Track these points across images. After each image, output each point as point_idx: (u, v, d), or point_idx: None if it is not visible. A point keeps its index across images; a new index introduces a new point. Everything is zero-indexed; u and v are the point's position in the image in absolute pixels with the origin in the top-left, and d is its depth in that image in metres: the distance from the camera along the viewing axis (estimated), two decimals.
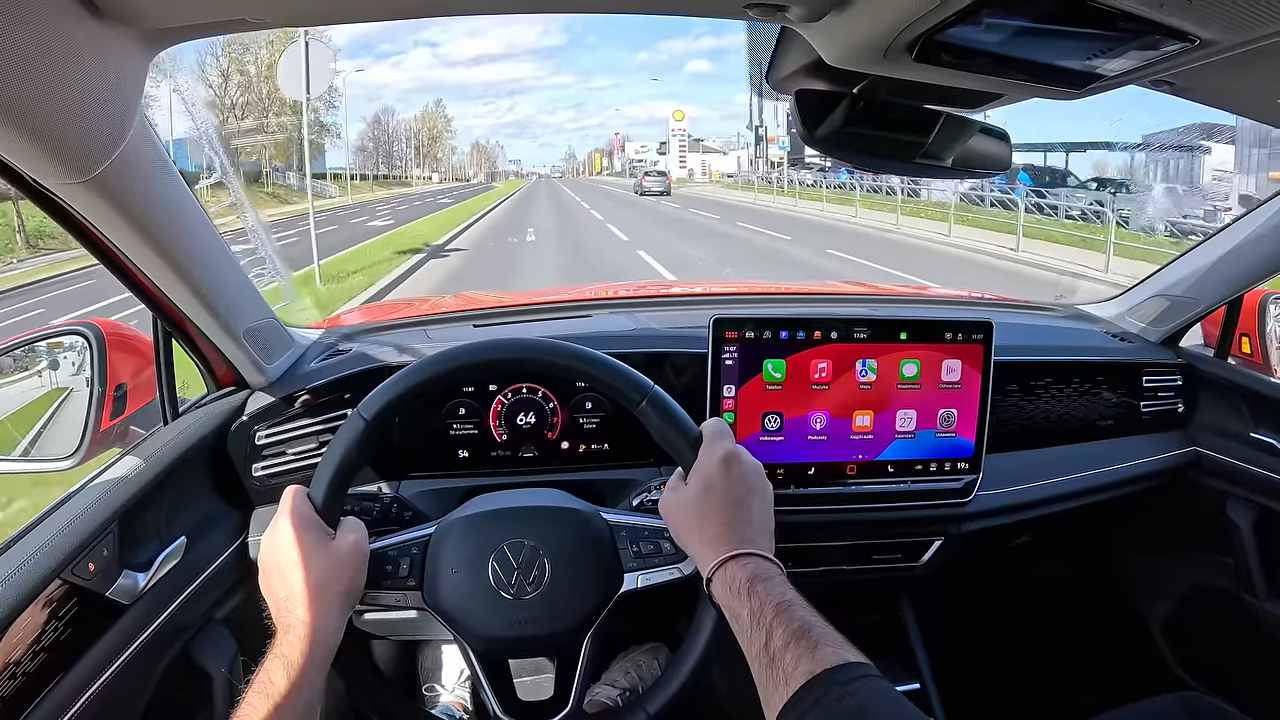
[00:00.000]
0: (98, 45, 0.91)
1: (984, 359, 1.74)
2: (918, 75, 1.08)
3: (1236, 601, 2.17)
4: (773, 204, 37.59)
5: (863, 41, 0.99)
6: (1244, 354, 2.28)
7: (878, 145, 1.35)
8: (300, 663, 1.11)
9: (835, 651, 0.97)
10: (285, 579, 1.18)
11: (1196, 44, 0.90)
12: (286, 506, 1.23)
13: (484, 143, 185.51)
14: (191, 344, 1.61)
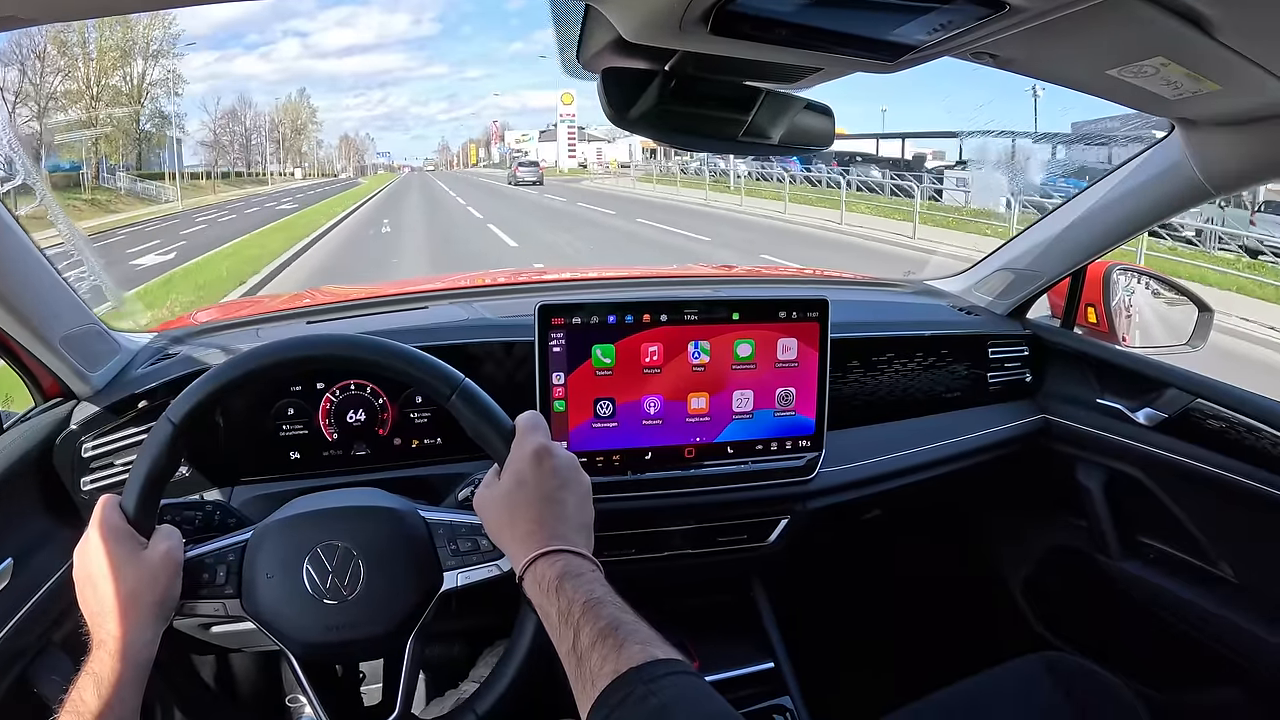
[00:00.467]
0: None
1: (820, 337, 1.75)
2: (721, 49, 1.08)
3: (1091, 561, 2.25)
4: (676, 196, 34.89)
5: (656, 14, 0.98)
6: (1090, 323, 2.32)
7: (696, 124, 1.35)
8: (112, 680, 1.08)
9: (643, 649, 0.95)
10: (97, 592, 1.15)
11: (1006, 11, 0.90)
12: (97, 517, 1.19)
13: (353, 135, 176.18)
14: (10, 354, 1.54)
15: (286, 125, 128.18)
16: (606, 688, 0.92)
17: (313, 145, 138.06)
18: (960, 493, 2.40)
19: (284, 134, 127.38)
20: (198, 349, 1.82)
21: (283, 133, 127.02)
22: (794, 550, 1.93)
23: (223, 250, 21.75)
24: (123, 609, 1.13)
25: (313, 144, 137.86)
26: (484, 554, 1.32)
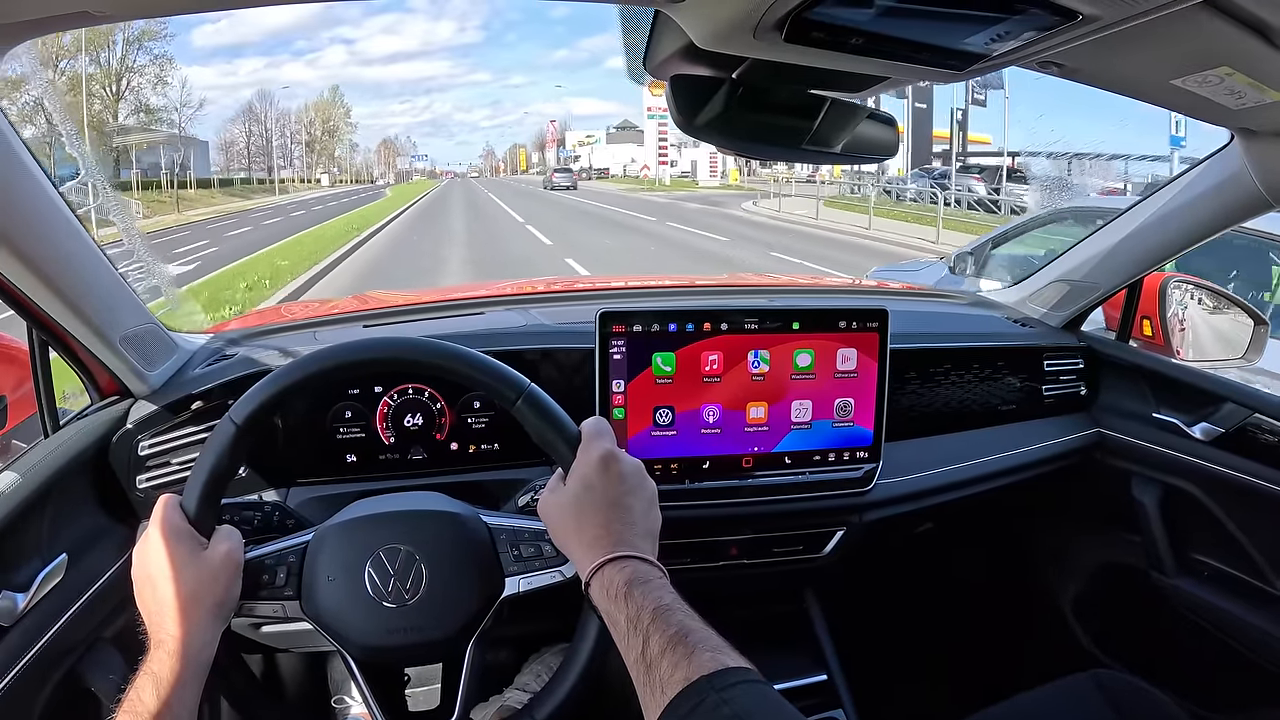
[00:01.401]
0: None
1: (880, 347, 1.74)
2: (792, 57, 1.07)
3: (1144, 578, 2.21)
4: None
5: (731, 21, 0.98)
6: (1145, 336, 2.30)
7: (761, 132, 1.34)
8: (170, 680, 1.08)
9: (713, 657, 0.94)
10: (156, 592, 1.14)
11: (1079, 19, 0.90)
12: (157, 517, 1.19)
13: (393, 139, 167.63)
14: (70, 352, 1.55)
15: (318, 126, 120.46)
16: (677, 695, 0.92)
17: (347, 149, 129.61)
18: (1013, 507, 2.37)
19: (315, 135, 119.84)
20: (255, 350, 1.83)
21: (314, 134, 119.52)
22: (848, 562, 1.92)
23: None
24: (183, 609, 1.13)
25: (346, 147, 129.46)
26: (547, 560, 1.32)
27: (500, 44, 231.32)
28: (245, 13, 7.74)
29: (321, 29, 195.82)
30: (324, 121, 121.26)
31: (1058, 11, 0.89)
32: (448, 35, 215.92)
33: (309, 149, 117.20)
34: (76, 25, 1.03)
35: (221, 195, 67.34)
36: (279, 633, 1.66)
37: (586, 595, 1.14)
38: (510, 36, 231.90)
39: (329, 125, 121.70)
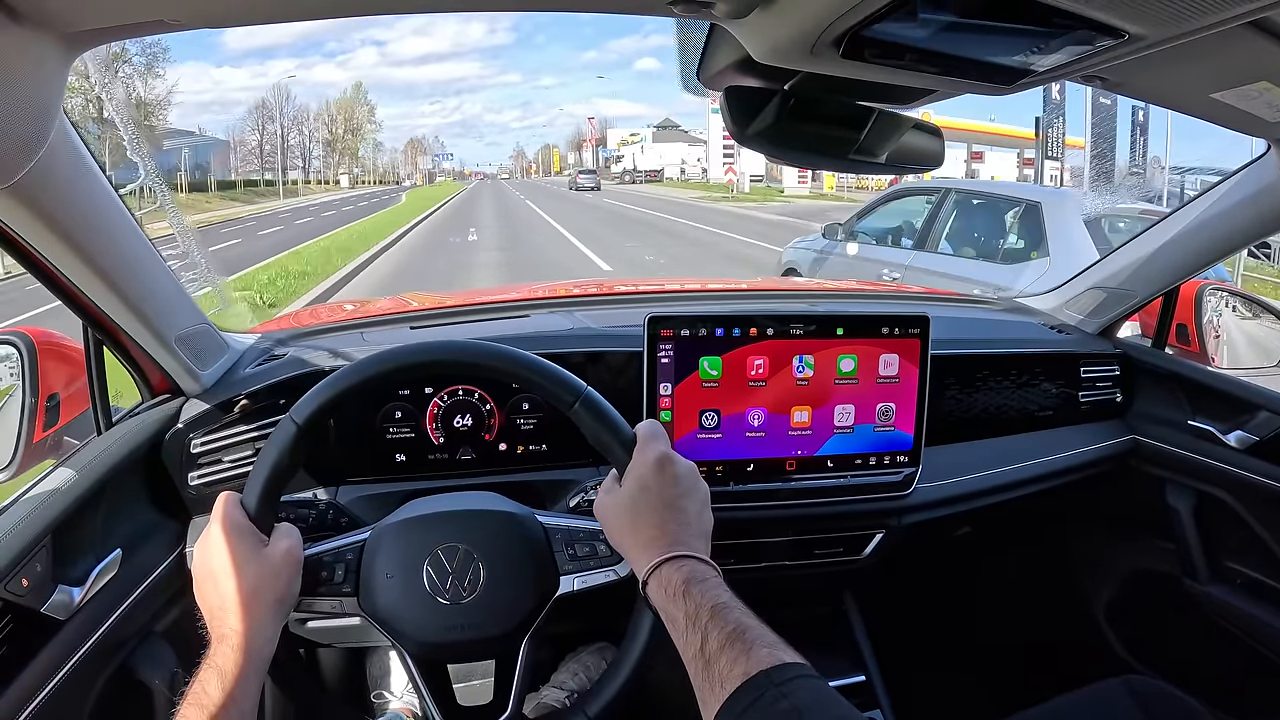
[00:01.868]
0: (15, 51, 0.90)
1: (921, 353, 1.75)
2: (846, 71, 1.08)
3: (1178, 585, 2.21)
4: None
5: (790, 38, 0.99)
6: (1181, 343, 2.30)
7: (810, 141, 1.36)
8: (234, 673, 1.10)
9: (771, 652, 0.96)
10: (218, 588, 1.17)
11: (1125, 39, 0.91)
12: (219, 514, 1.21)
13: (421, 138, 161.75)
14: (124, 351, 1.58)
15: (340, 124, 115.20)
16: (737, 690, 0.94)
17: (370, 148, 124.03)
18: (1048, 512, 2.37)
19: (337, 133, 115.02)
20: (304, 351, 1.86)
21: (335, 132, 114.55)
22: (887, 564, 1.94)
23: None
24: (245, 604, 1.15)
25: (370, 146, 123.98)
26: (601, 559, 1.34)
27: (530, 45, 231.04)
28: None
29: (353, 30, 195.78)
30: (346, 120, 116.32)
31: (1105, 31, 0.90)
32: (478, 37, 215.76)
33: (329, 148, 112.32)
34: (149, 33, 1.05)
35: (219, 200, 61.64)
36: (325, 628, 1.69)
37: (644, 594, 1.16)
38: (540, 38, 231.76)
39: (351, 124, 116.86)
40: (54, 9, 0.89)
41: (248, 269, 18.37)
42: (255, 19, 1.11)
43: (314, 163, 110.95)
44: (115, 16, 0.98)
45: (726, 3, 0.96)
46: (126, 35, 1.03)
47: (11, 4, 0.85)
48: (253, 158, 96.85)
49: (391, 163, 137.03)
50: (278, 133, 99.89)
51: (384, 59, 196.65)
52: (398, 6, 1.08)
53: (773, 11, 0.95)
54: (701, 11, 1.01)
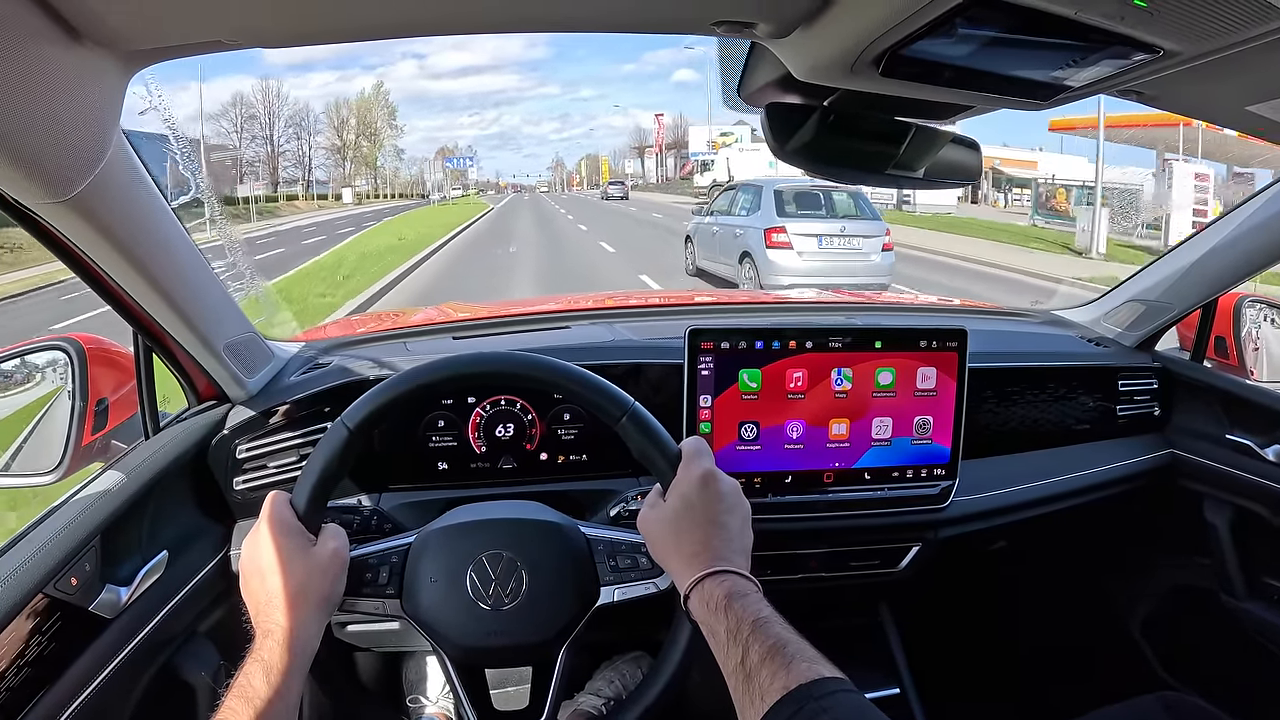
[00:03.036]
0: (77, 69, 0.93)
1: (958, 366, 1.76)
2: (885, 89, 1.10)
3: (1215, 601, 2.19)
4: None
5: (830, 57, 1.01)
6: (1220, 357, 2.29)
7: (849, 157, 1.37)
8: (279, 667, 1.12)
9: (810, 667, 0.97)
10: (265, 584, 1.19)
11: (1160, 55, 0.92)
12: (268, 512, 1.24)
13: (452, 145, 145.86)
14: (172, 358, 1.61)
15: (352, 129, 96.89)
16: (777, 703, 0.94)
17: (391, 156, 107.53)
18: (1085, 526, 2.36)
19: (348, 140, 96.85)
20: (348, 360, 1.88)
21: (346, 138, 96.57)
22: (922, 577, 1.94)
23: None
24: (291, 601, 1.17)
25: (391, 154, 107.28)
26: (642, 571, 1.35)
27: (570, 58, 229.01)
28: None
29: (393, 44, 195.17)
30: (362, 123, 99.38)
31: (1140, 47, 0.91)
32: (518, 50, 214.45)
33: (339, 155, 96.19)
34: (206, 51, 1.08)
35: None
36: (363, 631, 1.71)
37: (685, 607, 1.17)
38: (580, 51, 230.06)
39: (369, 128, 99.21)
40: (114, 29, 0.92)
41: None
42: (308, 40, 1.14)
43: (317, 173, 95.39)
44: (174, 37, 1.00)
45: (768, 23, 0.98)
46: (184, 54, 1.06)
47: (74, 24, 0.87)
48: (247, 168, 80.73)
49: (420, 173, 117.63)
50: (267, 139, 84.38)
51: (422, 71, 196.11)
52: (446, 28, 1.11)
53: (813, 32, 0.97)
54: (744, 31, 1.03)
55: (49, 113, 0.92)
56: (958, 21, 0.86)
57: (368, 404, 1.29)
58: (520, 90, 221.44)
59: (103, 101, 1.02)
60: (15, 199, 1.06)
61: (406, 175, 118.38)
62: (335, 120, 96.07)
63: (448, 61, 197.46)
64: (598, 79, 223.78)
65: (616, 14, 1.08)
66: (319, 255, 24.18)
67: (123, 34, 0.94)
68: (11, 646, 1.22)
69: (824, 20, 0.94)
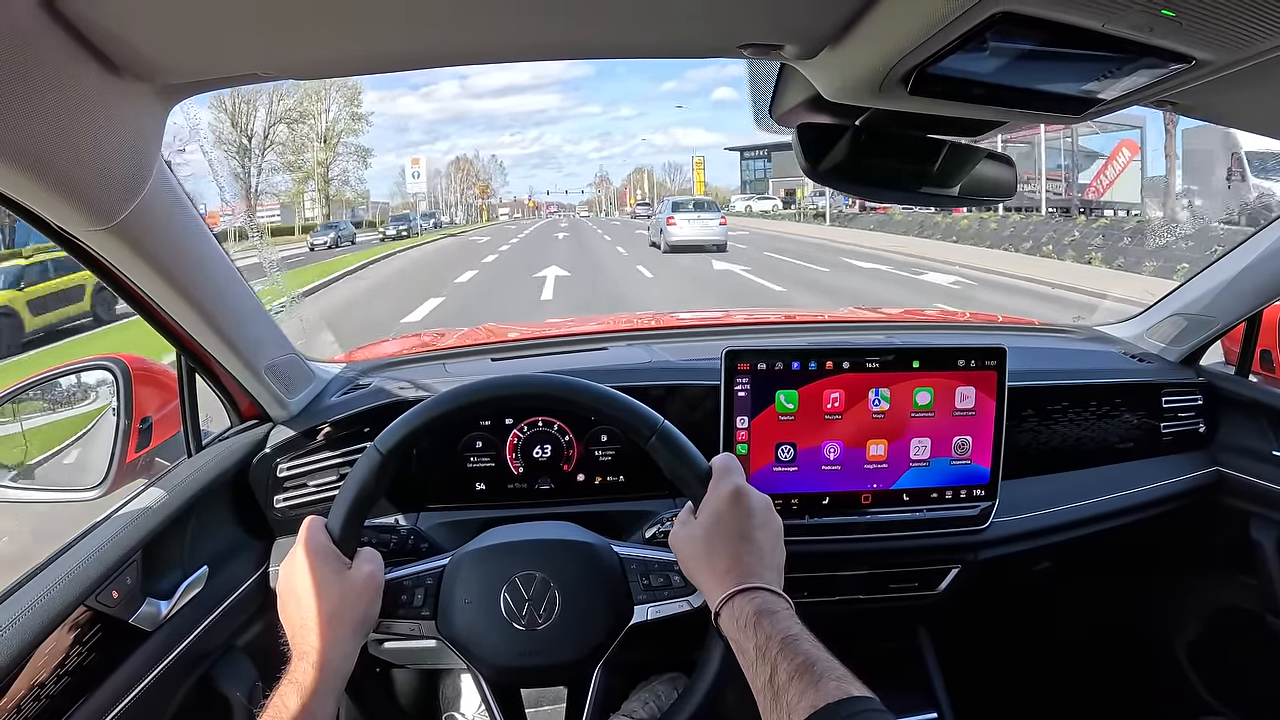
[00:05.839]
0: (118, 102, 0.96)
1: (998, 385, 1.73)
2: (915, 107, 1.09)
3: (1262, 623, 2.15)
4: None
5: (858, 76, 1.01)
6: (1266, 371, 2.26)
7: (882, 176, 1.36)
8: (313, 689, 1.14)
9: (839, 685, 0.97)
10: (301, 607, 1.21)
11: (1193, 64, 0.91)
12: (304, 537, 1.26)
13: (472, 157, 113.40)
14: (214, 379, 1.65)
15: (284, 128, 62.62)
16: None
17: (354, 164, 69.18)
18: (1128, 547, 2.31)
19: (273, 140, 62.09)
20: (388, 381, 1.91)
21: (272, 137, 61.85)
22: (962, 600, 1.92)
23: None
24: (325, 624, 1.19)
25: (353, 160, 69.05)
26: (675, 589, 1.36)
27: (610, 76, 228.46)
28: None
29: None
30: (304, 119, 64.45)
31: (1173, 58, 0.90)
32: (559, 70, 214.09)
33: (295, 170, 64.18)
34: (242, 83, 1.10)
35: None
36: (400, 649, 1.72)
37: (716, 624, 1.17)
38: (621, 69, 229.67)
39: (327, 125, 65.86)
40: (152, 63, 0.94)
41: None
42: (340, 71, 1.17)
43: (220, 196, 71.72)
44: (211, 70, 1.03)
45: (795, 45, 0.98)
46: (221, 86, 1.09)
47: (114, 59, 0.89)
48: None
49: (431, 191, 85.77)
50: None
51: (464, 91, 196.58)
52: (474, 58, 1.12)
53: (840, 51, 0.97)
54: (771, 54, 1.03)
55: (91, 144, 0.95)
56: (985, 37, 0.86)
57: (400, 429, 1.30)
58: (562, 109, 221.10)
59: (142, 132, 1.04)
60: (61, 227, 1.10)
61: (398, 195, 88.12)
62: (273, 109, 61.75)
63: (489, 81, 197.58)
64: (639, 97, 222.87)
65: (645, 40, 1.09)
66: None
67: (160, 68, 0.97)
68: (53, 656, 1.25)
69: (850, 40, 0.94)
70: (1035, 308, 13.99)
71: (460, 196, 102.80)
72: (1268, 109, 1.25)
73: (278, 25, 0.92)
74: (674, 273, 20.12)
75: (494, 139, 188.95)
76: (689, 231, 26.46)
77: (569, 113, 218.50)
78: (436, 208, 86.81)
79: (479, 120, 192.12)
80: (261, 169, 58.91)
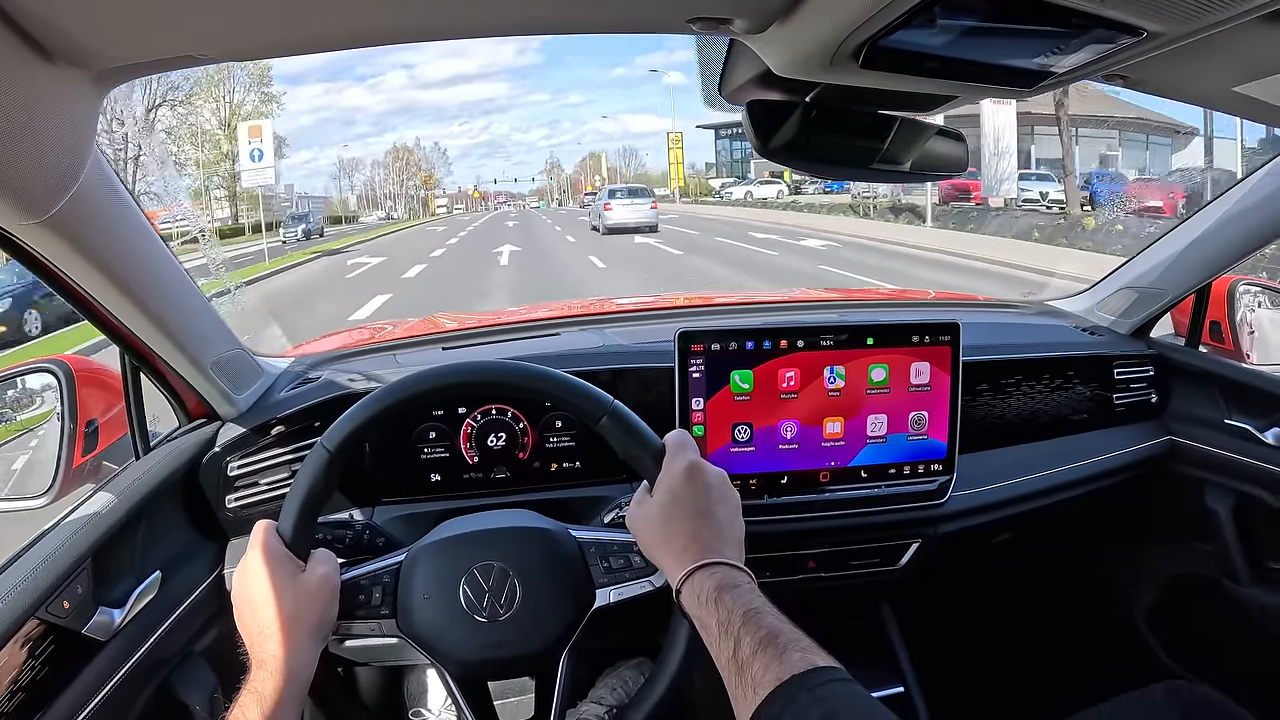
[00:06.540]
0: (49, 89, 0.92)
1: (952, 360, 1.75)
2: (867, 81, 1.09)
3: (1218, 587, 2.19)
4: None
5: (808, 50, 1.00)
6: (1215, 341, 2.28)
7: (833, 152, 1.36)
8: (274, 698, 1.12)
9: (804, 656, 0.96)
10: (257, 615, 1.19)
11: (1144, 36, 0.91)
12: (257, 541, 1.23)
13: (412, 145, 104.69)
14: (160, 377, 1.61)
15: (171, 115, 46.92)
16: (769, 694, 0.94)
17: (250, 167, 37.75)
18: (1086, 517, 2.35)
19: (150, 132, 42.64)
20: (338, 374, 1.87)
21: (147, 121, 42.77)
22: (924, 574, 1.93)
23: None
24: (283, 630, 1.17)
25: (248, 164, 37.04)
26: (636, 570, 1.35)
27: (559, 64, 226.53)
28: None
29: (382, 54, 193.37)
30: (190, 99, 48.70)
31: (1123, 29, 0.90)
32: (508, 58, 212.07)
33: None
34: (178, 67, 1.07)
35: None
36: (363, 647, 1.70)
37: (677, 602, 1.17)
38: (570, 57, 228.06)
39: (232, 109, 52.16)
40: (85, 47, 0.91)
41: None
42: (279, 52, 1.14)
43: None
44: (145, 53, 1.00)
45: (744, 19, 0.97)
46: (156, 70, 1.06)
47: (44, 44, 0.86)
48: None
49: (368, 185, 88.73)
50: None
51: (412, 81, 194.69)
52: (413, 35, 1.10)
53: (790, 25, 0.96)
54: (720, 28, 1.02)
55: (22, 133, 0.91)
56: (936, 10, 0.86)
57: (346, 424, 1.29)
58: (510, 98, 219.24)
59: (76, 120, 1.01)
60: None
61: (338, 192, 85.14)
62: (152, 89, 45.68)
63: (437, 71, 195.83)
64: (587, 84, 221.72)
65: (592, 15, 1.08)
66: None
67: (93, 53, 0.94)
68: (5, 672, 1.21)
69: (800, 14, 0.93)
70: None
71: (401, 188, 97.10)
72: (1216, 83, 1.26)
73: (213, 3, 0.90)
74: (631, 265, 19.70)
75: (443, 129, 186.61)
76: (623, 215, 30.86)
77: (517, 101, 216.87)
78: (375, 203, 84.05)
79: (427, 111, 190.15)
80: (139, 162, 37.27)
